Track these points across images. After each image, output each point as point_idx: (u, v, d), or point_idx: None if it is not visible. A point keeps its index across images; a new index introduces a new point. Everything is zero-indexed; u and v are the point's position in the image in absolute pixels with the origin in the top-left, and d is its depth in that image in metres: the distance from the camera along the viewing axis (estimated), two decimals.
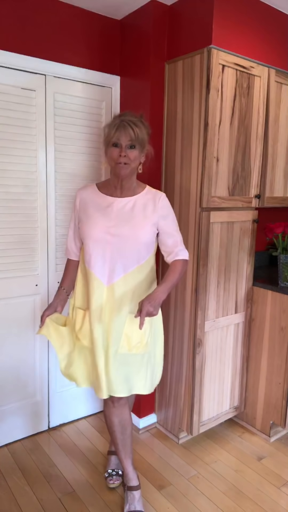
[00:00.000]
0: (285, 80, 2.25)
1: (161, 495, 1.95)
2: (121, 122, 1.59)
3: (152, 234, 1.72)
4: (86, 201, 1.75)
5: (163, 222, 1.73)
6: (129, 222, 1.67)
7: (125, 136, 1.58)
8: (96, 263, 1.68)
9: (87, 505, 1.87)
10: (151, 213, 1.70)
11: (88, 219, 1.71)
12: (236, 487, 2.01)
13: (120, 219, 1.67)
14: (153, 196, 1.73)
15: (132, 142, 1.60)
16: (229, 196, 2.12)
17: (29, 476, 2.04)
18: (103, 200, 1.72)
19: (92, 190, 1.76)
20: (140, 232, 1.67)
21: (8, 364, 2.22)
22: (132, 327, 1.69)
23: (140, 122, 1.63)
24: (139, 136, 1.60)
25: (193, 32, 1.99)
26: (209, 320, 2.17)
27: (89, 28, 2.21)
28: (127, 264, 1.67)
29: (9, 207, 2.10)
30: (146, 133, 1.65)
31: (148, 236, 1.69)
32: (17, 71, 2.02)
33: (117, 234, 1.65)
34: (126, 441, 1.84)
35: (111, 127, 1.61)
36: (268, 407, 2.35)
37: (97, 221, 1.68)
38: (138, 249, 1.67)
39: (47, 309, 1.83)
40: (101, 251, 1.67)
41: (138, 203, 1.71)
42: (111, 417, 1.81)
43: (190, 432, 2.25)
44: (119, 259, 1.66)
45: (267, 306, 2.30)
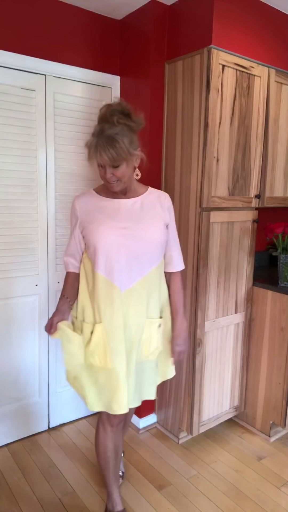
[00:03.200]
0: (285, 80, 2.25)
1: (161, 495, 1.95)
2: (98, 141, 1.41)
3: (165, 234, 1.62)
4: (88, 208, 1.59)
5: (171, 222, 1.66)
6: (140, 222, 1.56)
7: (104, 159, 1.42)
8: (112, 269, 1.53)
9: (87, 505, 1.87)
10: (160, 212, 1.61)
11: (96, 224, 1.55)
12: (236, 487, 2.01)
13: (131, 220, 1.55)
14: (158, 196, 1.65)
15: (114, 163, 1.44)
16: (229, 196, 2.12)
17: (29, 476, 2.04)
18: (107, 203, 1.58)
19: (91, 196, 1.62)
20: (155, 231, 1.57)
21: (8, 364, 2.22)
22: (151, 333, 1.62)
23: (122, 131, 1.42)
24: (119, 156, 1.41)
25: (193, 32, 1.99)
26: (209, 320, 2.17)
27: (89, 28, 2.21)
28: (142, 267, 1.56)
29: (9, 207, 2.10)
30: (128, 144, 1.43)
31: (162, 235, 1.60)
32: (17, 71, 2.02)
33: (130, 235, 1.53)
34: (117, 465, 1.77)
35: (90, 147, 1.45)
36: (268, 407, 2.35)
37: (107, 224, 1.54)
38: (153, 250, 1.58)
39: (55, 314, 1.60)
40: (115, 255, 1.52)
41: (145, 203, 1.60)
42: (107, 442, 1.70)
43: (190, 432, 2.25)
44: (134, 263, 1.54)
45: (267, 306, 2.30)
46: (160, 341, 1.67)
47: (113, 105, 1.47)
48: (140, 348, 1.61)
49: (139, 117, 1.49)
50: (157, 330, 1.65)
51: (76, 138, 2.24)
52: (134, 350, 1.60)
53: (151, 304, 1.62)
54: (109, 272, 1.53)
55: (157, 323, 1.64)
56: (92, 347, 1.57)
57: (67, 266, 1.70)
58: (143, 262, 1.56)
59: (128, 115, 1.46)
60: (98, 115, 1.49)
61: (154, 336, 1.63)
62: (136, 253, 1.54)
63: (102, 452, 1.71)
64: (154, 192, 1.66)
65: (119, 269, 1.53)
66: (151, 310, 1.63)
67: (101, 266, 1.54)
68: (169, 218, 1.65)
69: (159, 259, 1.62)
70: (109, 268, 1.53)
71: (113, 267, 1.53)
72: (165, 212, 1.63)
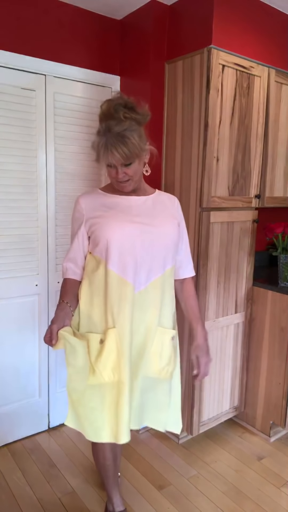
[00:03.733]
0: (285, 80, 2.24)
1: (161, 495, 1.94)
2: (107, 140, 1.31)
3: (179, 233, 1.52)
4: (95, 205, 1.47)
5: (181, 224, 1.58)
6: (156, 218, 1.45)
7: (116, 158, 1.33)
8: (125, 264, 1.39)
9: (87, 505, 1.87)
10: (173, 212, 1.54)
11: (107, 218, 1.42)
12: (236, 487, 2.01)
13: (144, 215, 1.44)
14: (168, 198, 1.58)
15: (126, 161, 1.35)
16: (229, 196, 2.12)
17: (29, 476, 2.04)
18: (117, 199, 1.47)
19: (97, 194, 1.51)
20: (170, 228, 1.47)
21: (8, 364, 2.22)
22: (163, 345, 1.45)
23: (130, 126, 1.33)
24: (131, 153, 1.33)
25: (193, 32, 1.99)
26: (209, 320, 2.17)
27: (89, 28, 2.21)
28: (158, 266, 1.44)
29: (9, 207, 2.10)
30: (139, 141, 1.35)
31: (177, 234, 1.50)
32: (17, 71, 2.02)
33: (146, 230, 1.41)
34: (116, 470, 1.73)
35: (99, 145, 1.34)
36: (268, 407, 2.35)
37: (119, 217, 1.42)
38: (168, 248, 1.47)
39: (54, 321, 1.37)
40: (129, 250, 1.39)
41: (156, 202, 1.51)
42: (104, 452, 1.63)
43: (190, 432, 2.25)
44: (149, 259, 1.42)
45: (267, 306, 2.30)
46: (173, 358, 1.50)
47: (114, 100, 1.38)
48: (149, 361, 1.44)
49: (144, 109, 1.39)
50: (170, 343, 1.48)
51: (76, 138, 2.24)
52: (142, 363, 1.43)
53: (164, 311, 1.48)
54: (122, 269, 1.40)
55: (170, 335, 1.48)
56: (104, 357, 1.39)
57: (66, 272, 1.53)
58: (159, 259, 1.45)
59: (133, 108, 1.37)
60: (100, 112, 1.39)
61: (166, 350, 1.46)
62: (152, 249, 1.42)
63: (102, 461, 1.67)
64: (163, 194, 1.60)
65: (134, 265, 1.40)
66: (164, 318, 1.49)
67: (114, 262, 1.40)
68: (180, 219, 1.58)
69: (172, 260, 1.51)
70: (122, 264, 1.40)
71: (127, 263, 1.40)
72: (176, 213, 1.57)
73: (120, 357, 1.40)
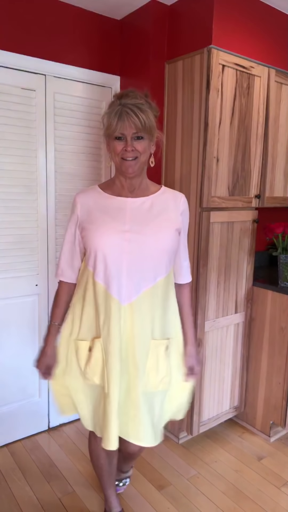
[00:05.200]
0: (285, 80, 2.25)
1: (161, 495, 1.94)
2: (122, 108, 1.27)
3: (176, 241, 1.42)
4: (89, 206, 1.41)
5: (183, 228, 1.46)
6: (148, 225, 1.36)
7: (130, 126, 1.27)
8: (111, 277, 1.34)
9: (87, 505, 1.87)
10: (173, 216, 1.42)
11: (96, 225, 1.37)
12: (236, 487, 2.01)
13: (136, 222, 1.36)
14: (173, 197, 1.45)
15: (139, 133, 1.29)
16: (229, 196, 2.12)
17: (29, 476, 2.04)
18: (112, 202, 1.40)
19: (94, 193, 1.44)
20: (164, 237, 1.37)
21: (8, 364, 2.22)
22: (158, 358, 1.41)
23: (146, 104, 1.31)
24: (146, 123, 1.28)
25: (193, 32, 1.99)
26: (209, 320, 2.17)
27: (89, 28, 2.21)
28: (148, 277, 1.36)
29: (9, 207, 2.10)
30: (153, 117, 1.33)
31: (172, 242, 1.40)
32: (17, 71, 2.02)
33: (135, 240, 1.34)
34: (112, 471, 1.71)
35: (111, 115, 1.29)
36: (268, 407, 2.35)
37: (108, 225, 1.36)
38: (160, 259, 1.37)
39: (42, 358, 1.49)
40: (116, 262, 1.34)
41: (156, 203, 1.41)
42: (98, 451, 1.63)
43: (190, 432, 2.25)
44: (138, 271, 1.35)
45: (267, 306, 2.30)
46: (168, 367, 1.46)
47: (130, 89, 1.37)
48: (146, 376, 1.40)
49: (155, 104, 1.39)
50: (164, 354, 1.43)
51: (76, 138, 2.24)
52: (139, 380, 1.39)
53: (156, 323, 1.41)
54: (108, 282, 1.35)
55: (164, 345, 1.42)
56: (92, 364, 1.40)
57: (61, 274, 1.49)
58: (148, 272, 1.36)
59: (147, 96, 1.36)
60: (114, 95, 1.37)
61: (162, 362, 1.42)
62: (140, 261, 1.35)
63: (95, 460, 1.67)
64: (169, 191, 1.47)
65: (119, 278, 1.34)
66: (156, 329, 1.41)
67: (100, 274, 1.36)
68: (182, 223, 1.45)
69: (167, 269, 1.41)
70: (108, 277, 1.35)
71: (112, 276, 1.35)
72: (178, 216, 1.43)
73: (106, 368, 1.38)
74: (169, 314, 1.47)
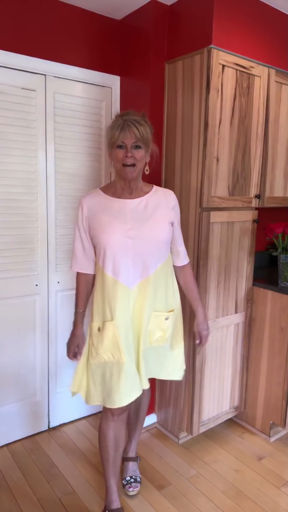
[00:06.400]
0: (285, 80, 2.25)
1: (161, 495, 1.95)
2: (124, 122, 1.54)
3: (170, 232, 1.71)
4: (95, 208, 1.66)
5: (175, 220, 1.73)
6: (146, 223, 1.64)
7: (130, 136, 1.53)
8: (120, 269, 1.62)
9: (87, 505, 1.87)
10: (165, 211, 1.69)
11: (103, 226, 1.63)
12: (236, 487, 2.01)
13: (136, 221, 1.63)
14: (163, 194, 1.72)
15: (137, 142, 1.55)
16: (229, 196, 2.12)
17: (29, 476, 2.04)
18: (113, 203, 1.66)
19: (98, 196, 1.69)
20: (159, 231, 1.66)
21: (8, 364, 2.22)
22: (156, 324, 1.72)
23: (143, 121, 1.58)
24: (143, 135, 1.55)
25: (193, 32, 1.99)
26: (209, 320, 2.17)
27: (89, 28, 2.21)
28: (149, 265, 1.65)
29: (9, 207, 2.10)
30: (150, 132, 1.60)
31: (167, 234, 1.68)
32: (17, 71, 2.02)
33: (136, 236, 1.61)
34: (117, 459, 1.79)
35: (114, 128, 1.55)
36: (268, 407, 2.35)
37: (113, 226, 1.62)
38: (158, 248, 1.66)
39: (72, 338, 1.77)
40: (123, 256, 1.61)
41: (150, 202, 1.67)
42: (107, 431, 1.75)
43: (190, 432, 2.25)
44: (141, 261, 1.63)
45: (267, 306, 2.30)
46: (167, 332, 1.75)
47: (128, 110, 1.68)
48: (146, 337, 1.71)
49: (150, 123, 1.64)
50: (163, 322, 1.73)
51: (76, 138, 2.24)
52: (142, 339, 1.68)
53: (158, 299, 1.71)
54: (117, 273, 1.62)
55: (163, 316, 1.73)
56: (105, 343, 1.64)
57: (78, 266, 1.75)
58: (150, 261, 1.64)
59: (144, 115, 1.62)
60: (116, 115, 1.64)
61: (161, 326, 1.73)
62: (142, 253, 1.62)
63: (102, 441, 1.77)
64: (159, 190, 1.73)
65: (127, 269, 1.62)
66: (158, 304, 1.72)
67: (110, 268, 1.63)
68: (174, 216, 1.72)
69: (165, 255, 1.71)
70: (117, 269, 1.62)
71: (121, 268, 1.62)
72: (170, 211, 1.70)
73: (119, 345, 1.63)
74: (169, 291, 1.76)
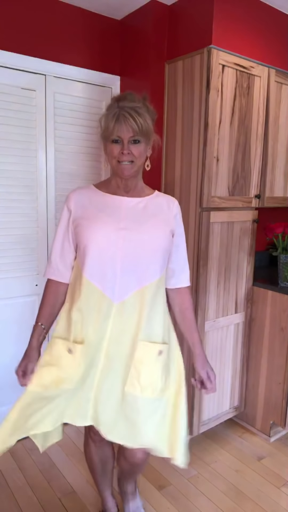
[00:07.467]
0: (285, 80, 2.25)
1: (161, 495, 1.95)
2: (120, 111, 1.27)
3: (170, 242, 1.41)
4: (84, 203, 1.39)
5: (177, 231, 1.45)
6: (143, 224, 1.35)
7: (127, 129, 1.27)
8: (103, 275, 1.32)
9: (87, 505, 1.87)
10: (167, 218, 1.41)
11: (91, 220, 1.34)
12: (236, 487, 2.01)
13: (131, 221, 1.35)
14: (167, 201, 1.45)
15: (136, 136, 1.28)
16: (229, 196, 2.12)
17: (29, 476, 2.04)
18: (107, 200, 1.38)
19: (89, 190, 1.42)
20: (158, 236, 1.36)
21: (8, 364, 2.22)
22: (144, 359, 1.33)
23: (143, 108, 1.31)
24: (143, 127, 1.28)
25: (193, 32, 1.99)
26: (209, 320, 2.17)
27: (89, 28, 2.21)
28: (142, 276, 1.33)
29: (9, 207, 2.10)
30: (151, 121, 1.33)
31: (166, 243, 1.38)
32: (17, 71, 2.02)
33: (130, 238, 1.32)
34: (107, 474, 1.70)
35: (108, 117, 1.28)
36: (268, 407, 2.35)
37: (104, 221, 1.33)
38: (155, 258, 1.35)
39: (24, 362, 1.52)
40: (109, 259, 1.31)
41: (150, 205, 1.40)
42: (91, 456, 1.63)
43: (190, 432, 2.25)
44: (132, 270, 1.32)
45: (267, 306, 2.30)
46: (160, 381, 1.36)
47: (128, 91, 1.38)
48: (130, 376, 1.34)
49: (153, 108, 1.38)
50: (156, 359, 1.35)
51: (76, 138, 2.24)
52: (120, 376, 1.35)
53: (150, 323, 1.36)
54: (100, 279, 1.32)
55: (156, 349, 1.35)
56: (65, 368, 1.37)
57: (51, 271, 1.44)
58: (142, 270, 1.33)
59: (146, 98, 1.35)
60: (112, 99, 1.35)
61: (151, 365, 1.34)
62: (134, 259, 1.32)
63: (89, 464, 1.68)
64: (162, 196, 1.48)
65: (113, 276, 1.31)
66: (150, 330, 1.36)
67: (90, 271, 1.32)
68: (176, 226, 1.44)
69: (161, 270, 1.38)
70: (100, 275, 1.32)
71: (106, 274, 1.31)
72: (171, 218, 1.43)
73: (87, 368, 1.35)
74: (157, 316, 1.39)
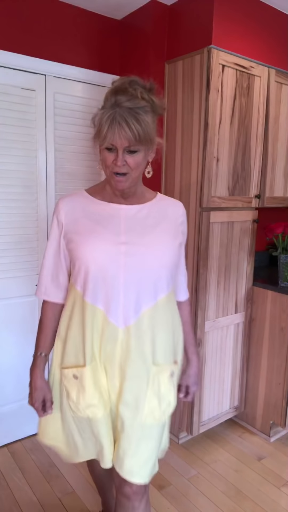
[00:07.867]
0: (285, 80, 2.25)
1: (161, 495, 1.95)
2: (115, 113, 1.05)
3: (178, 254, 1.27)
4: (76, 214, 1.20)
5: (181, 241, 1.30)
6: (146, 237, 1.19)
7: (121, 138, 1.06)
8: (106, 298, 1.17)
9: (87, 505, 1.87)
10: (172, 227, 1.26)
11: (85, 236, 1.17)
12: (236, 487, 2.01)
13: (132, 233, 1.18)
14: (172, 205, 1.29)
15: (132, 147, 1.08)
16: (229, 196, 2.12)
17: (29, 476, 2.04)
18: (103, 209, 1.20)
19: (81, 198, 1.23)
20: (165, 250, 1.21)
21: (8, 364, 2.22)
22: (160, 386, 1.22)
23: (147, 106, 1.09)
24: (141, 135, 1.06)
25: (193, 32, 1.99)
26: (209, 320, 2.17)
27: (89, 28, 2.21)
28: (149, 296, 1.19)
29: (9, 207, 2.10)
30: (154, 123, 1.12)
31: (174, 255, 1.23)
32: (17, 71, 2.02)
33: (132, 253, 1.16)
34: (107, 476, 1.60)
35: (102, 119, 1.07)
36: (268, 407, 2.35)
37: (101, 237, 1.17)
38: (162, 274, 1.20)
39: (34, 393, 1.28)
40: (111, 280, 1.16)
41: (152, 212, 1.23)
42: (93, 469, 1.59)
43: (190, 432, 2.25)
44: (137, 290, 1.17)
45: (267, 306, 2.30)
46: (173, 394, 1.27)
47: (131, 77, 1.12)
48: (147, 406, 1.22)
49: (162, 100, 1.17)
50: (169, 381, 1.24)
51: (76, 138, 2.24)
52: (130, 407, 1.21)
53: (159, 346, 1.22)
54: (102, 304, 1.18)
55: (168, 372, 1.24)
56: (88, 397, 1.21)
57: (44, 292, 1.28)
58: (149, 290, 1.19)
59: (151, 90, 1.13)
60: (110, 88, 1.13)
61: (166, 389, 1.23)
62: (139, 277, 1.17)
63: (92, 476, 1.63)
64: (165, 199, 1.30)
65: (116, 299, 1.17)
66: (159, 353, 1.23)
67: (92, 295, 1.18)
68: (182, 235, 1.29)
69: (169, 286, 1.24)
70: (102, 298, 1.18)
71: (108, 297, 1.17)
72: (178, 227, 1.28)
73: (99, 394, 1.22)
74: (176, 335, 1.29)
